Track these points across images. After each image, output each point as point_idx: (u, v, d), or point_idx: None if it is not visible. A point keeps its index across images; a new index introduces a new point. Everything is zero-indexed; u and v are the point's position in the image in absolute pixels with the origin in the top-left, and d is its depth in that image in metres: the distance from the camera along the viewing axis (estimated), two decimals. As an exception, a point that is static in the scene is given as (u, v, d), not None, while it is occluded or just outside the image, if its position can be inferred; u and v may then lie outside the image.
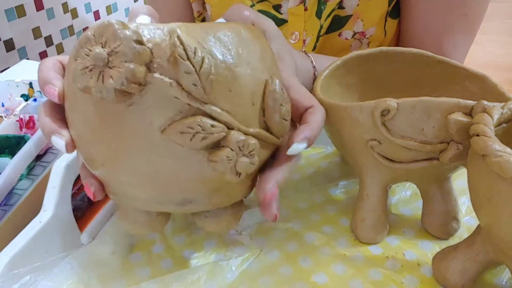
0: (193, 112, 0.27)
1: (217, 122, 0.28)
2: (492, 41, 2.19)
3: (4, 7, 1.20)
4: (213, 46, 0.28)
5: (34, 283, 0.34)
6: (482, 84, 0.39)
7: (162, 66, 0.26)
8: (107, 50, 0.26)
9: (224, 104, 0.28)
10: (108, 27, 0.26)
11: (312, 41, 0.60)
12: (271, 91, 0.30)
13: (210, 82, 0.27)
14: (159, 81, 0.26)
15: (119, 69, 0.25)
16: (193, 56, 0.26)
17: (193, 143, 0.28)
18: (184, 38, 0.26)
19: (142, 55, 0.26)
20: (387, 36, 0.60)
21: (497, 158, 0.27)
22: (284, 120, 0.31)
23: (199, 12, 0.69)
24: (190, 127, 0.27)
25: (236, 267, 0.37)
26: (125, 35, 0.25)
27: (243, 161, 0.29)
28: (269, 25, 0.38)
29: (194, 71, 0.26)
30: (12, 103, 0.54)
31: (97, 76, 0.26)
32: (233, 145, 0.28)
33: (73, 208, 0.40)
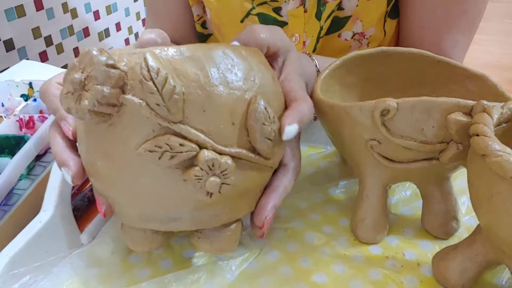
0: (165, 131, 0.28)
1: (187, 141, 0.28)
2: (492, 41, 2.19)
3: (4, 7, 1.20)
4: (186, 67, 0.28)
5: (34, 283, 0.34)
6: (482, 84, 0.39)
7: (135, 88, 0.28)
8: (84, 75, 0.27)
9: (198, 123, 0.28)
10: (86, 54, 0.28)
11: (312, 43, 0.60)
12: (252, 111, 0.30)
13: (174, 101, 0.27)
14: (131, 102, 0.28)
15: (92, 91, 0.27)
16: (156, 76, 0.27)
17: (162, 161, 0.28)
18: (151, 60, 0.27)
19: (113, 78, 0.27)
20: (386, 36, 0.60)
21: (497, 158, 0.27)
22: (267, 140, 0.31)
23: (199, 16, 0.69)
24: (158, 145, 0.28)
25: (236, 267, 0.37)
26: (98, 60, 0.27)
27: (212, 181, 0.29)
28: (282, 42, 0.38)
29: (156, 91, 0.27)
30: (12, 103, 0.54)
31: (76, 99, 0.28)
32: (203, 164, 0.29)
33: (73, 208, 0.40)
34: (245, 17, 0.61)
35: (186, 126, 0.28)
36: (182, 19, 0.70)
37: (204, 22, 0.70)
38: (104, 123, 0.29)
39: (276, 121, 0.32)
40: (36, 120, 0.50)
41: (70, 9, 1.46)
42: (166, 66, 0.28)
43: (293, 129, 0.32)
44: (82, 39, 1.55)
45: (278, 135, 0.32)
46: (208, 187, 0.29)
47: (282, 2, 0.59)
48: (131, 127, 0.28)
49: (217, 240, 0.34)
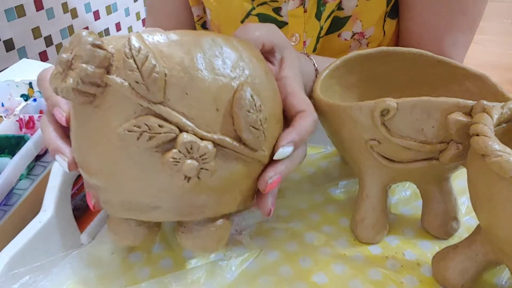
0: (146, 112, 0.28)
1: (167, 123, 0.28)
2: (492, 41, 2.19)
3: (4, 7, 1.20)
4: (172, 50, 0.29)
5: (34, 283, 0.34)
6: (482, 84, 0.39)
7: (119, 69, 0.28)
8: (72, 55, 0.28)
9: (180, 106, 0.28)
10: (76, 36, 0.28)
11: (312, 43, 0.60)
12: (237, 98, 0.30)
13: (153, 79, 0.27)
14: (114, 82, 0.28)
15: (77, 70, 0.28)
16: (137, 54, 0.27)
17: (140, 142, 0.28)
18: (135, 40, 0.28)
19: (98, 58, 0.28)
20: (386, 36, 0.60)
21: (496, 158, 0.27)
22: (253, 128, 0.30)
23: (199, 16, 0.69)
24: (137, 125, 0.28)
25: (236, 267, 0.37)
26: (85, 40, 0.27)
27: (189, 163, 0.29)
28: (278, 39, 0.39)
29: (136, 68, 0.27)
30: (12, 103, 0.54)
31: (62, 78, 0.28)
32: (180, 146, 0.28)
33: (72, 208, 0.40)
34: (245, 17, 0.61)
35: (167, 108, 0.28)
36: (182, 19, 0.70)
37: (204, 22, 0.70)
38: (89, 104, 0.29)
39: (263, 111, 0.31)
40: (36, 120, 0.50)
41: (70, 9, 1.46)
42: (151, 48, 0.28)
43: (286, 151, 0.32)
44: (82, 39, 1.54)
45: (267, 126, 0.31)
46: (185, 170, 0.29)
47: (282, 2, 0.59)
48: (114, 108, 0.29)
49: (200, 235, 0.34)
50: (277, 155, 0.32)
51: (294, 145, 0.32)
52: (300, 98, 0.35)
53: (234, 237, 0.40)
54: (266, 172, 0.33)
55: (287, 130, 0.33)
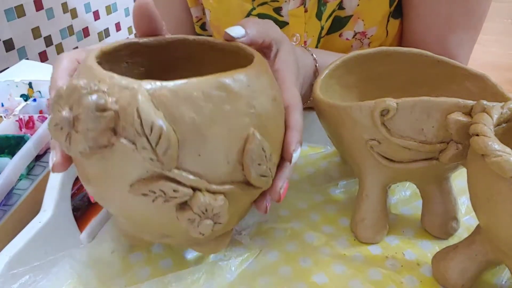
0: (159, 173, 0.27)
1: (181, 186, 0.28)
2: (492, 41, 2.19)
3: (3, 7, 1.20)
4: (182, 110, 0.27)
5: (34, 282, 0.34)
6: (482, 84, 0.39)
7: (127, 130, 0.26)
8: (73, 114, 0.26)
9: (192, 167, 0.28)
10: (74, 90, 0.26)
11: (313, 42, 0.60)
12: (249, 150, 0.29)
13: (169, 156, 0.26)
14: (123, 145, 0.27)
15: (82, 135, 0.26)
16: (150, 132, 0.26)
17: (156, 204, 0.28)
18: (144, 109, 0.26)
19: (104, 121, 0.26)
20: (388, 36, 0.60)
21: (496, 158, 0.27)
22: (262, 177, 0.30)
23: (198, 18, 0.69)
24: (152, 190, 0.28)
25: (236, 267, 0.37)
26: (87, 103, 0.26)
27: (206, 224, 0.29)
28: (275, 34, 0.38)
29: (150, 147, 0.26)
30: (12, 103, 0.54)
31: (65, 136, 0.27)
32: (196, 209, 0.28)
33: (72, 208, 0.40)
34: (245, 17, 0.61)
35: (181, 171, 0.27)
36: (181, 21, 0.70)
37: (203, 23, 0.70)
38: (96, 156, 0.28)
39: (273, 157, 0.31)
40: (36, 120, 0.50)
41: (70, 9, 1.46)
42: (160, 110, 0.26)
43: (298, 153, 0.33)
44: (82, 39, 1.55)
45: (274, 168, 0.32)
46: (201, 229, 0.29)
47: (282, 2, 0.59)
48: (123, 165, 0.28)
49: (208, 244, 0.35)
50: (293, 161, 0.33)
51: (300, 145, 0.33)
52: (287, 92, 0.35)
53: (234, 237, 0.40)
54: (275, 184, 0.33)
55: (288, 135, 0.33)
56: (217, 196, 0.29)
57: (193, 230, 0.29)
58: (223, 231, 0.35)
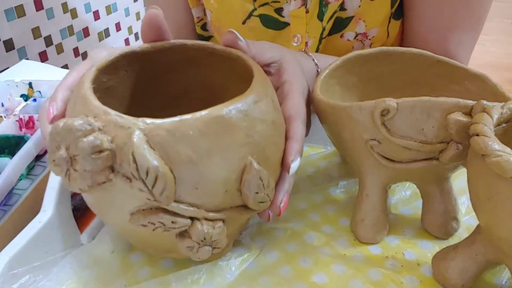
0: (157, 207, 0.28)
1: (179, 218, 0.28)
2: (492, 41, 2.19)
3: (3, 7, 1.20)
4: (178, 149, 0.27)
5: (34, 283, 0.34)
6: (482, 84, 0.39)
7: (124, 167, 0.27)
8: (70, 154, 0.26)
9: (190, 199, 0.28)
10: (70, 131, 0.26)
11: (315, 43, 0.60)
12: (246, 181, 0.29)
13: (165, 196, 0.27)
14: (121, 181, 0.27)
15: (81, 175, 0.27)
16: (145, 176, 0.26)
17: (156, 233, 0.29)
18: (139, 152, 0.25)
19: (101, 162, 0.26)
20: (389, 37, 0.60)
21: (496, 158, 0.27)
22: (260, 203, 0.31)
23: (199, 18, 0.69)
24: (151, 222, 0.28)
25: (236, 267, 0.37)
26: (82, 147, 0.26)
27: (205, 250, 0.30)
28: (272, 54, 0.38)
29: (146, 189, 0.26)
30: (12, 103, 0.54)
31: (64, 173, 0.27)
32: (195, 237, 0.29)
33: (72, 208, 0.40)
34: (246, 18, 0.61)
35: (178, 204, 0.28)
36: (182, 21, 0.70)
37: (204, 24, 0.70)
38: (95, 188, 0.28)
39: (270, 183, 0.31)
40: (36, 120, 0.50)
41: (70, 9, 1.46)
42: (156, 149, 0.26)
43: (297, 163, 0.33)
44: (82, 39, 1.54)
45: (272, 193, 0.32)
46: (200, 255, 0.30)
47: (283, 3, 0.58)
48: (122, 198, 0.28)
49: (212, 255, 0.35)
50: (291, 171, 0.33)
51: (300, 155, 0.33)
52: (291, 101, 0.35)
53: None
54: (276, 199, 0.33)
55: (288, 145, 0.33)
56: (216, 223, 0.29)
57: (193, 255, 0.30)
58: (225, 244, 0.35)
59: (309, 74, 0.46)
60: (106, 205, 0.30)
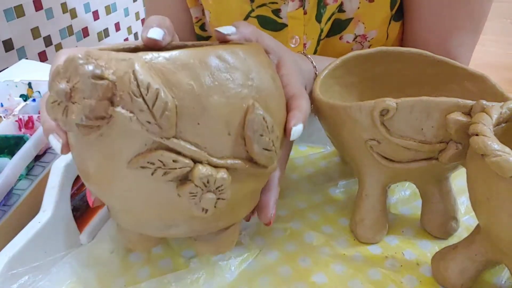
0: (157, 145, 0.27)
1: (181, 157, 0.27)
2: (492, 41, 2.19)
3: (3, 7, 1.20)
4: (179, 77, 0.26)
5: (33, 283, 0.34)
6: (481, 84, 0.39)
7: (124, 99, 0.26)
8: (70, 85, 0.26)
9: (192, 136, 0.27)
10: (71, 62, 0.26)
11: (313, 45, 0.60)
12: (250, 121, 0.28)
13: (166, 118, 0.26)
14: (121, 116, 0.26)
15: (79, 105, 0.26)
16: (146, 92, 0.25)
17: (155, 177, 0.27)
18: (140, 73, 0.25)
19: (101, 90, 0.25)
20: (389, 38, 0.60)
21: (496, 158, 0.27)
22: (266, 151, 0.30)
23: (198, 18, 0.68)
24: (150, 162, 0.27)
25: (235, 267, 0.37)
26: (83, 71, 0.25)
27: (208, 197, 0.29)
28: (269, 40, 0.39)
29: (146, 108, 0.26)
30: (11, 103, 0.54)
31: (62, 110, 0.26)
32: (197, 180, 0.28)
33: (72, 208, 0.40)
34: (244, 19, 0.61)
35: (180, 140, 0.27)
36: (181, 22, 0.70)
37: (203, 24, 0.70)
38: (94, 133, 0.28)
39: (275, 129, 0.30)
40: (35, 120, 0.50)
41: (69, 9, 1.46)
42: (157, 77, 0.26)
43: (299, 129, 0.32)
44: (81, 39, 1.54)
45: (278, 143, 0.31)
46: (204, 204, 0.29)
47: (281, 4, 0.58)
48: (122, 140, 0.27)
49: (215, 242, 0.34)
50: (292, 136, 0.32)
51: (303, 123, 0.33)
52: (293, 85, 0.35)
53: (233, 237, 0.40)
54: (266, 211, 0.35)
55: (290, 114, 0.33)
56: (219, 169, 0.28)
57: (196, 206, 0.29)
58: (229, 221, 0.34)
59: (307, 75, 0.46)
60: (102, 155, 0.28)
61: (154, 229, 0.33)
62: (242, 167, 0.29)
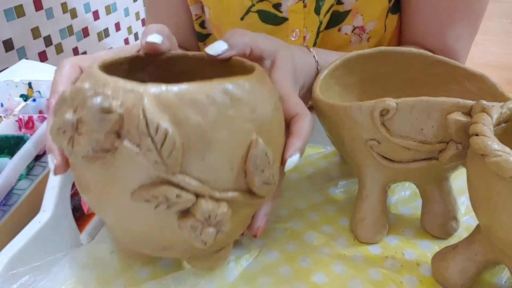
0: (161, 179, 0.27)
1: (184, 192, 0.27)
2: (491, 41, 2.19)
3: (3, 7, 1.20)
4: (187, 113, 0.26)
5: (33, 283, 0.34)
6: (481, 84, 0.39)
7: (131, 133, 0.26)
8: (77, 116, 0.26)
9: (196, 172, 0.27)
10: (79, 92, 0.26)
11: (312, 37, 0.60)
12: (252, 156, 0.29)
13: (173, 158, 0.26)
14: (128, 149, 0.26)
15: (86, 137, 0.26)
16: (155, 133, 0.25)
17: (158, 211, 0.28)
18: (150, 110, 0.25)
19: (108, 124, 0.26)
20: (387, 31, 0.60)
21: (496, 158, 0.27)
22: (266, 185, 0.30)
23: (197, 15, 0.69)
24: (154, 196, 0.27)
25: (235, 268, 0.37)
26: (92, 104, 0.25)
27: (209, 231, 0.29)
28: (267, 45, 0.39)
29: (154, 148, 0.25)
30: (11, 103, 0.54)
31: (68, 139, 0.27)
32: (199, 215, 0.28)
33: (72, 208, 0.40)
34: (244, 14, 0.61)
35: (184, 176, 0.27)
36: (181, 20, 0.70)
37: (202, 21, 0.70)
38: (98, 161, 0.28)
39: (276, 163, 0.30)
40: (36, 120, 0.50)
41: (69, 9, 1.46)
42: (165, 113, 0.26)
43: (295, 160, 0.32)
44: (81, 39, 1.54)
45: (277, 176, 0.31)
46: (204, 237, 0.29)
47: None
48: (126, 171, 0.27)
49: (209, 260, 0.35)
50: (287, 167, 0.32)
51: (299, 152, 0.33)
52: (291, 102, 0.35)
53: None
54: (255, 222, 0.35)
55: (289, 140, 0.33)
56: (220, 203, 0.29)
57: (196, 239, 0.29)
58: (224, 243, 0.34)
59: (307, 68, 0.46)
60: (106, 183, 0.28)
61: (150, 249, 0.33)
62: (242, 198, 0.30)
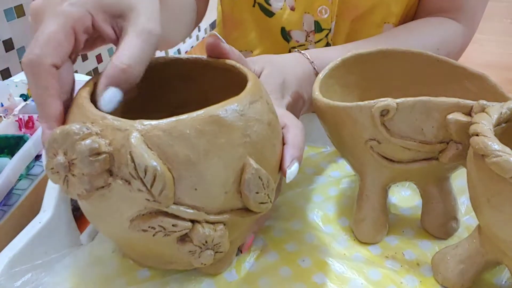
0: (156, 210, 0.28)
1: (180, 220, 0.28)
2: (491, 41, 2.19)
3: (3, 7, 1.20)
4: (175, 149, 0.27)
5: (36, 280, 0.34)
6: (481, 84, 0.39)
7: (123, 170, 0.27)
8: (68, 159, 0.27)
9: (190, 201, 0.28)
10: (67, 136, 0.26)
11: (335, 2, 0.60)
12: (246, 180, 0.29)
13: (165, 195, 0.26)
14: (120, 186, 0.27)
15: (79, 179, 0.27)
16: (144, 175, 0.26)
17: (156, 238, 0.28)
18: (137, 153, 0.26)
19: (99, 165, 0.26)
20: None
21: (496, 158, 0.27)
22: (261, 204, 0.30)
23: None
24: (151, 226, 0.28)
25: (236, 268, 0.37)
26: (81, 149, 0.26)
27: (207, 254, 0.30)
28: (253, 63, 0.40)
29: (145, 189, 0.26)
30: (11, 103, 0.54)
31: (62, 180, 0.27)
32: (197, 241, 0.29)
33: (72, 208, 0.40)
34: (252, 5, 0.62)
35: (178, 206, 0.28)
36: None
37: None
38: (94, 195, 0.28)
39: (271, 183, 0.30)
40: (36, 120, 0.50)
41: (69, 9, 1.46)
42: (154, 150, 0.26)
43: (294, 170, 0.32)
44: (81, 39, 1.54)
45: (273, 194, 0.31)
46: (202, 259, 0.30)
47: None
48: (122, 203, 0.28)
49: (212, 267, 0.35)
50: (288, 178, 0.32)
51: (298, 161, 0.33)
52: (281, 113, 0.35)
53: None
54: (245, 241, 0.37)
55: (284, 151, 0.33)
56: (217, 226, 0.29)
57: (195, 261, 0.30)
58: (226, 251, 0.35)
59: (304, 77, 0.46)
60: (105, 212, 0.29)
61: (155, 263, 0.34)
62: (239, 218, 0.30)
